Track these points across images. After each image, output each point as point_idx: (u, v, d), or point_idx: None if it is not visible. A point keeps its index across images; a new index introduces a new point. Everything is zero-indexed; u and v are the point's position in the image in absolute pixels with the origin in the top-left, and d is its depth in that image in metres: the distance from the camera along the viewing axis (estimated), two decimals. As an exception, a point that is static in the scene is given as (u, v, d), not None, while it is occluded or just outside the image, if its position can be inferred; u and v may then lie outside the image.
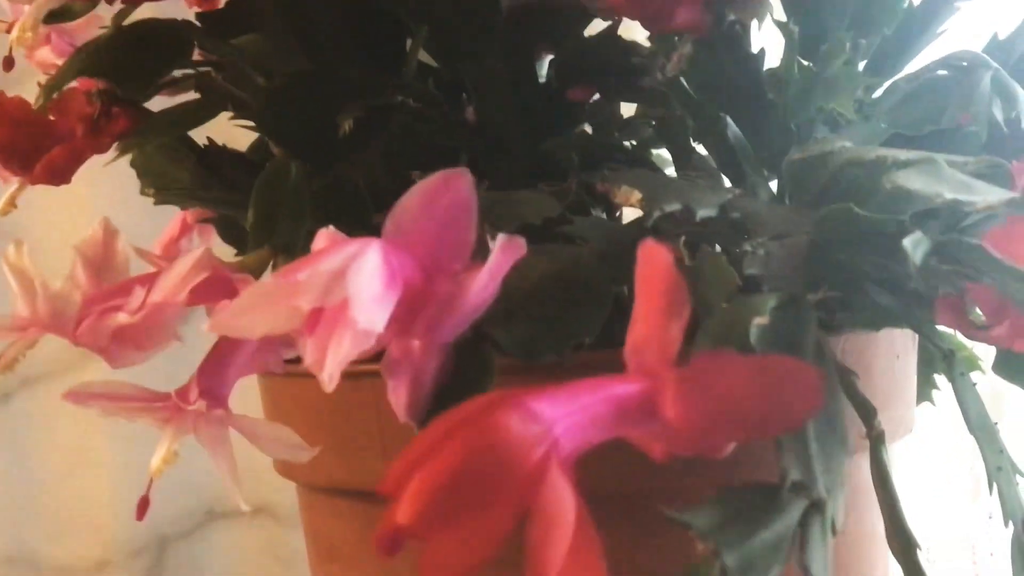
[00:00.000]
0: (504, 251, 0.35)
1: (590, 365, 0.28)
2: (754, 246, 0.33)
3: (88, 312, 0.39)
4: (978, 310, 0.38)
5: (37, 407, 0.89)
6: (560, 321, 0.38)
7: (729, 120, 0.51)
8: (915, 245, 0.28)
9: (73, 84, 0.52)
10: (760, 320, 0.28)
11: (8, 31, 0.48)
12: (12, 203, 0.55)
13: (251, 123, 0.50)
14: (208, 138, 0.57)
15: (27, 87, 0.52)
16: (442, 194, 0.32)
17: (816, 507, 0.24)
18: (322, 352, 0.27)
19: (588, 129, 0.56)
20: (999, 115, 0.43)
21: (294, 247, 0.45)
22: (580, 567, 0.23)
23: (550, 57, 0.53)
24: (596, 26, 0.52)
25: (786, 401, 0.25)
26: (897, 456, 0.59)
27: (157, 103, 0.54)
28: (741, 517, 0.23)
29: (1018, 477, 0.46)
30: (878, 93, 0.58)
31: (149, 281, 0.40)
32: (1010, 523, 0.43)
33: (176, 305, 0.39)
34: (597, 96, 0.53)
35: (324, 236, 0.35)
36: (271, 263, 0.45)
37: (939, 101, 0.45)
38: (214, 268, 0.41)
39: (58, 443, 0.90)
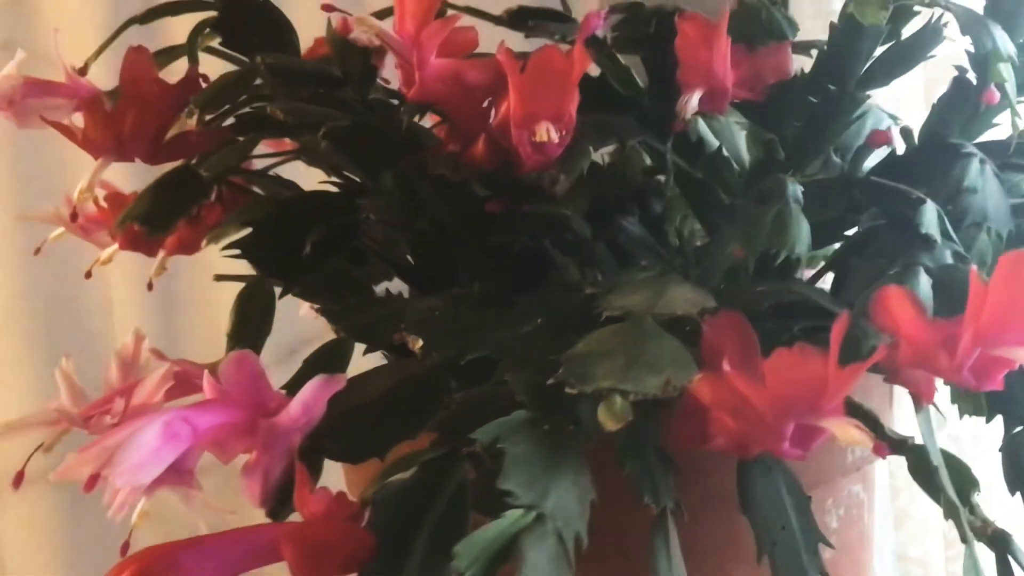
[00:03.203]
0: (318, 388, 0.49)
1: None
2: (458, 396, 0.45)
3: (92, 413, 0.57)
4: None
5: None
6: (383, 429, 0.51)
7: (625, 224, 0.61)
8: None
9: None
10: (399, 476, 0.40)
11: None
12: (163, 267, 0.74)
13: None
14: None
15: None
16: (241, 366, 0.47)
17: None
18: (113, 496, 0.42)
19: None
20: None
21: (258, 352, 0.61)
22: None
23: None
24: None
25: (348, 555, 0.37)
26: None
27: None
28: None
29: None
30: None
31: (129, 391, 0.57)
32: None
33: (155, 404, 0.56)
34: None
35: (208, 384, 0.50)
36: (239, 364, 0.60)
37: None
38: (182, 373, 0.57)
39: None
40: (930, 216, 0.51)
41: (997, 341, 0.40)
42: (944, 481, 0.46)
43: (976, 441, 0.97)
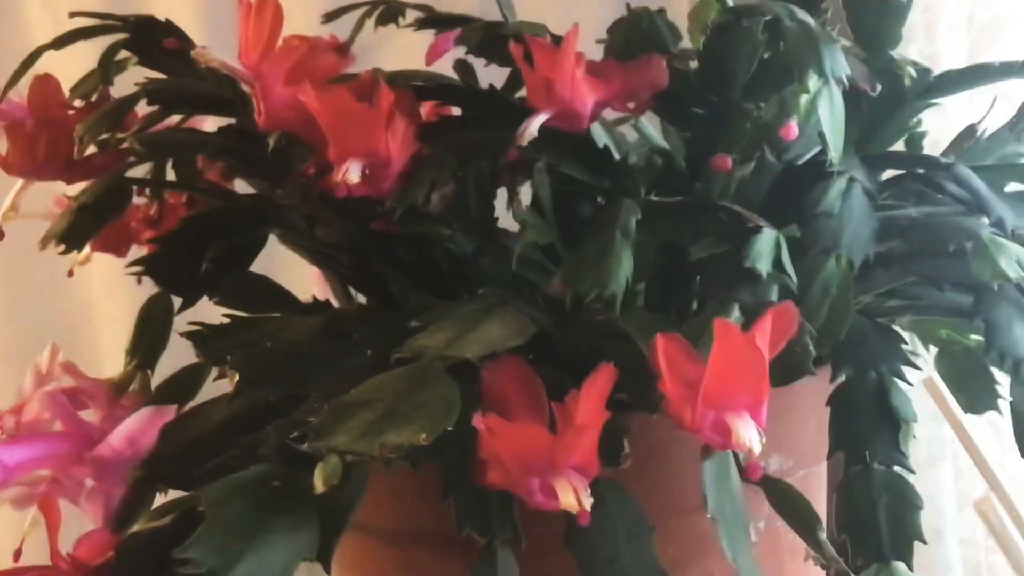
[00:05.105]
0: (143, 420, 0.51)
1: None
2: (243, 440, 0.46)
3: (-8, 429, 0.61)
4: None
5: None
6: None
7: (505, 241, 0.61)
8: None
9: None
10: (153, 524, 0.42)
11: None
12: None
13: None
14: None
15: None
16: (54, 403, 0.49)
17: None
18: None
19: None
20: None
21: (152, 367, 0.63)
22: None
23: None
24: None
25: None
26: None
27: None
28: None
29: None
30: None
31: (19, 409, 0.60)
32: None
33: (44, 421, 0.60)
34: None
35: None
36: (134, 379, 0.63)
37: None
38: (72, 390, 0.60)
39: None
40: (760, 247, 0.49)
41: (724, 405, 0.38)
42: (722, 537, 0.44)
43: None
